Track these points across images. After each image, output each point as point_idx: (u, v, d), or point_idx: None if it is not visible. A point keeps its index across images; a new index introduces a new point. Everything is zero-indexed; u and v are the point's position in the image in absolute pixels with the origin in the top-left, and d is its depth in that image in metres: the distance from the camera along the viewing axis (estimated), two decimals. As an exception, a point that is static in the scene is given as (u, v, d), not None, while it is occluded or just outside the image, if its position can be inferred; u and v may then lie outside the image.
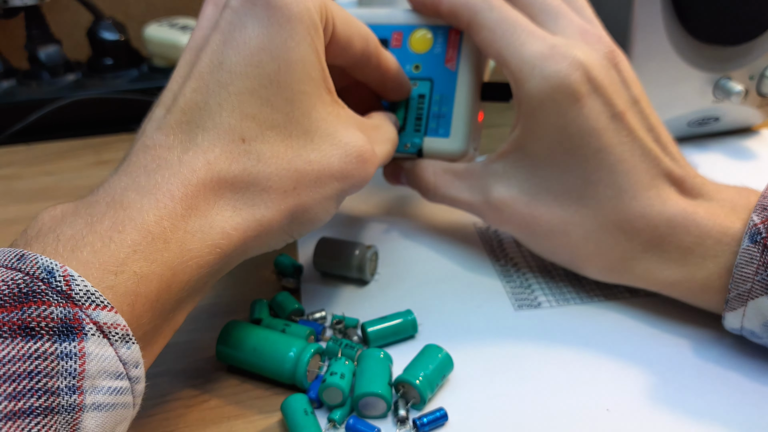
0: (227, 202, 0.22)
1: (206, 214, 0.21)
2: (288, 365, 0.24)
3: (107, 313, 0.17)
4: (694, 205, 0.26)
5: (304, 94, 0.23)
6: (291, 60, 0.23)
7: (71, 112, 0.50)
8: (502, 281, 0.31)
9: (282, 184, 0.22)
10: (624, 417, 0.23)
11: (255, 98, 0.22)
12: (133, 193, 0.20)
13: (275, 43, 0.22)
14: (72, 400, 0.16)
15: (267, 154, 0.22)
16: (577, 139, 0.26)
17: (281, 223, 0.23)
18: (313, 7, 0.23)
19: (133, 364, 0.18)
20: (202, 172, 0.21)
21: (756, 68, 0.41)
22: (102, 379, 0.17)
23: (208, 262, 0.21)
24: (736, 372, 0.25)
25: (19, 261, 0.17)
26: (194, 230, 0.20)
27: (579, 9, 0.29)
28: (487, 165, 0.30)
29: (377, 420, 0.23)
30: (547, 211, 0.28)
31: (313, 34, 0.23)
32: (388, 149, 0.28)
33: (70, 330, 0.17)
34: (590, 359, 0.26)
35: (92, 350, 0.17)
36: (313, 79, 0.23)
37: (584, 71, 0.26)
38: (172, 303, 0.20)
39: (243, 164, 0.22)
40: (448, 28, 0.32)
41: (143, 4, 0.64)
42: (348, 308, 0.29)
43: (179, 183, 0.20)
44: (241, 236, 0.22)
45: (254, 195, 0.22)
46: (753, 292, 0.23)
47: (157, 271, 0.19)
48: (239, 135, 0.22)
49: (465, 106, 0.31)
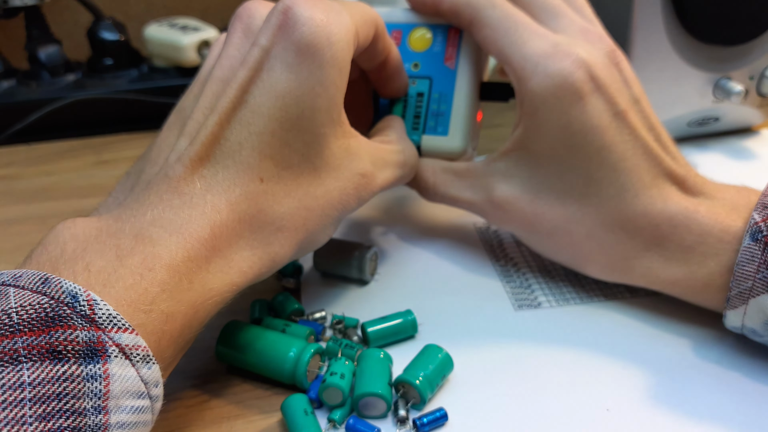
0: (246, 242, 0.22)
1: (226, 254, 0.22)
2: (288, 365, 0.24)
3: (129, 335, 0.18)
4: (695, 204, 0.26)
5: (322, 137, 0.23)
6: (316, 107, 0.23)
7: (71, 112, 0.50)
8: (502, 281, 0.31)
9: (294, 223, 0.23)
10: (624, 417, 0.23)
11: (276, 139, 0.22)
12: (160, 230, 0.20)
13: (303, 89, 0.22)
14: (98, 420, 0.17)
15: (280, 194, 0.23)
16: (580, 138, 0.26)
17: (291, 257, 0.24)
18: (347, 48, 0.23)
19: (153, 383, 0.19)
20: (225, 213, 0.22)
21: (756, 68, 0.41)
22: (125, 399, 0.18)
23: (225, 299, 0.22)
24: (736, 372, 0.25)
25: (44, 285, 0.18)
26: (215, 270, 0.21)
27: (579, 8, 0.29)
28: (489, 163, 0.30)
29: (377, 420, 0.23)
30: (550, 210, 0.28)
31: (343, 75, 0.23)
32: (398, 174, 0.28)
33: (95, 353, 0.17)
34: (590, 359, 0.26)
35: (116, 371, 0.17)
36: (333, 120, 0.24)
37: (587, 69, 0.26)
38: (191, 337, 0.21)
39: (261, 205, 0.22)
40: (447, 26, 0.32)
41: (143, 4, 0.64)
42: (348, 308, 0.29)
43: (205, 224, 0.21)
44: (256, 273, 0.23)
45: (269, 234, 0.23)
46: (754, 290, 0.23)
47: (182, 310, 0.20)
48: (258, 174, 0.22)
49: (464, 105, 0.31)
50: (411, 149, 0.30)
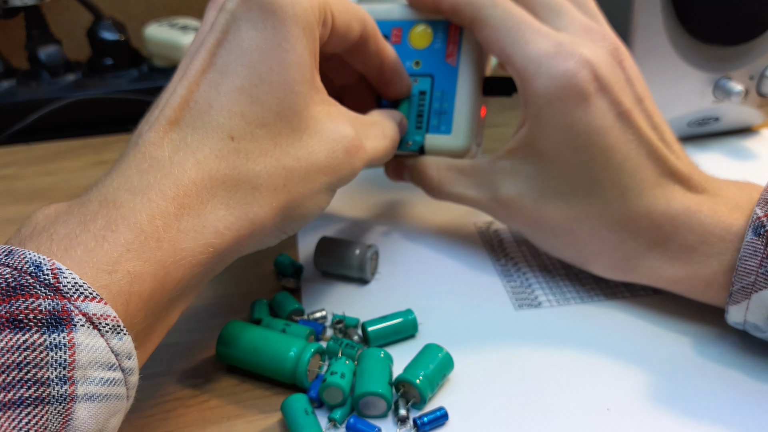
0: (220, 201, 0.22)
1: (199, 213, 0.21)
2: (288, 365, 0.24)
3: (97, 304, 0.17)
4: (698, 203, 0.26)
5: (295, 94, 0.23)
6: (285, 62, 0.23)
7: (71, 112, 0.50)
8: (503, 281, 0.31)
9: (272, 182, 0.23)
10: (624, 416, 0.23)
11: (245, 96, 0.22)
12: (125, 193, 0.20)
13: (269, 45, 0.23)
14: (63, 391, 0.16)
15: (256, 152, 0.22)
16: (584, 138, 0.26)
17: (274, 221, 0.23)
18: (310, 8, 0.23)
19: (125, 355, 0.18)
20: (193, 171, 0.21)
21: (756, 68, 0.41)
22: (93, 370, 0.17)
23: (201, 261, 0.21)
24: (737, 370, 0.25)
25: (7, 257, 0.17)
26: (187, 229, 0.20)
27: (581, 4, 0.28)
28: (494, 162, 0.29)
29: (378, 419, 0.23)
30: (554, 209, 0.28)
31: (309, 35, 0.23)
32: (382, 145, 0.28)
33: (59, 321, 0.17)
34: (590, 358, 0.26)
35: (82, 341, 0.17)
36: (306, 80, 0.23)
37: (591, 69, 0.25)
38: (165, 302, 0.20)
39: (232, 162, 0.22)
40: (448, 22, 0.31)
41: (143, 4, 0.64)
42: (348, 308, 0.29)
43: (171, 183, 0.21)
44: (234, 235, 0.22)
45: (246, 193, 0.22)
46: (757, 285, 0.23)
47: (150, 271, 0.19)
48: (228, 133, 0.22)
49: (467, 102, 0.31)
50: (390, 124, 0.30)
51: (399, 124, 0.30)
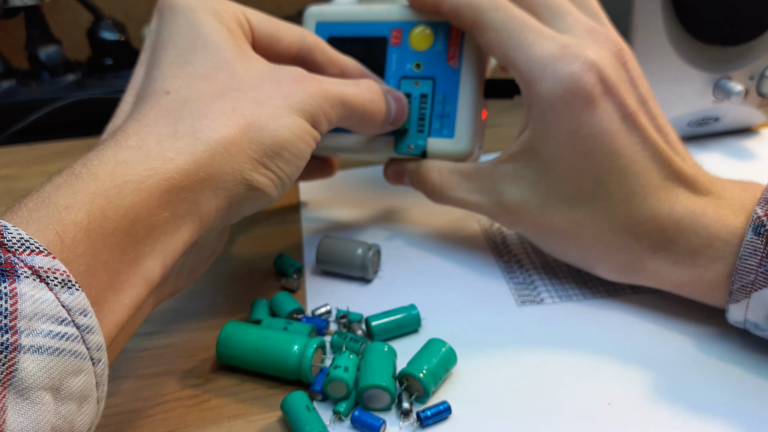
0: (164, 133, 0.22)
1: (140, 146, 0.22)
2: (292, 360, 0.24)
3: (44, 258, 0.17)
4: (702, 205, 0.25)
5: (225, 51, 0.25)
6: (204, 33, 0.25)
7: (71, 112, 0.50)
8: (506, 278, 0.31)
9: (218, 107, 0.24)
10: (626, 411, 0.23)
11: (180, 60, 0.25)
12: (80, 161, 0.21)
13: (184, 27, 0.26)
14: (5, 339, 0.16)
15: (194, 95, 0.24)
16: (590, 142, 0.26)
17: (240, 146, 0.23)
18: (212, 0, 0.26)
19: (78, 310, 0.18)
20: (131, 123, 0.23)
21: (756, 68, 0.41)
22: (41, 322, 0.17)
23: (150, 187, 0.21)
24: (738, 367, 0.25)
25: None
26: (127, 160, 0.21)
27: (583, 4, 0.28)
28: (497, 166, 0.29)
29: (381, 413, 0.23)
30: (558, 213, 0.27)
31: (219, 18, 0.26)
32: (353, 90, 0.27)
33: (2, 273, 0.17)
34: (592, 354, 0.26)
35: (26, 291, 0.17)
36: (231, 44, 0.26)
37: (597, 72, 0.25)
38: (119, 234, 0.20)
39: (172, 104, 0.23)
40: (449, 24, 0.31)
41: (143, 4, 0.64)
42: (352, 305, 0.29)
43: (105, 134, 0.24)
44: (188, 159, 0.22)
45: (193, 121, 0.23)
46: (756, 284, 0.23)
47: (84, 200, 0.19)
48: (163, 90, 0.24)
49: (469, 105, 0.31)
50: (369, 81, 0.29)
51: (389, 91, 0.30)
